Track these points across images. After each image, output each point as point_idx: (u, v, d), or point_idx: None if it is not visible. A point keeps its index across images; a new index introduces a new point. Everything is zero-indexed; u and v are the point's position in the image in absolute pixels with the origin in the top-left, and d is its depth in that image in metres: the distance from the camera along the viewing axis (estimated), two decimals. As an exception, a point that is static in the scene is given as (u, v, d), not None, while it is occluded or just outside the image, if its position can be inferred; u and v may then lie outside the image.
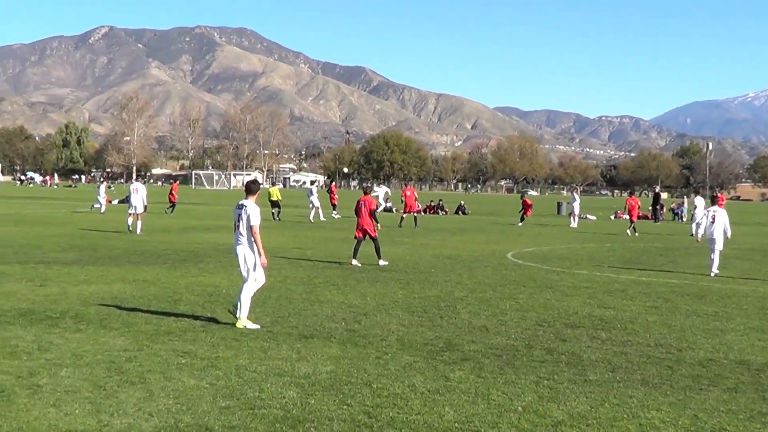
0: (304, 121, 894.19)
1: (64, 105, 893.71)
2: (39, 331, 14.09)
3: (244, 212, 15.40)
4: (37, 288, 19.35)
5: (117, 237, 35.55)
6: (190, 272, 23.43)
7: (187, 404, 9.99)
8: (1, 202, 74.67)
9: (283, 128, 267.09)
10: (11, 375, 11.10)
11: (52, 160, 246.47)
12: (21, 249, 28.93)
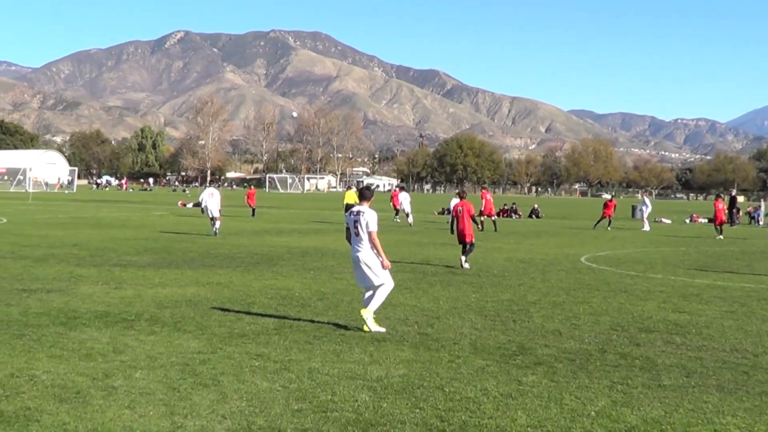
0: (378, 125, 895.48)
1: (140, 109, 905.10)
2: (114, 333, 14.23)
3: (363, 218, 15.30)
4: (112, 290, 19.56)
5: (191, 240, 35.85)
6: (263, 275, 23.54)
7: (260, 407, 10.02)
8: (78, 205, 75.76)
9: (356, 132, 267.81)
10: (87, 376, 11.21)
11: (128, 163, 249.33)
12: (97, 252, 29.28)
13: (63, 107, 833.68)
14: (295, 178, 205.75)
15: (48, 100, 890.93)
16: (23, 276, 22.07)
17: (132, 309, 16.78)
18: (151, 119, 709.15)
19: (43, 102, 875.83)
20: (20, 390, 10.45)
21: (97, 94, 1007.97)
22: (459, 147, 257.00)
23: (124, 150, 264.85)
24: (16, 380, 10.92)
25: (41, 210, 62.53)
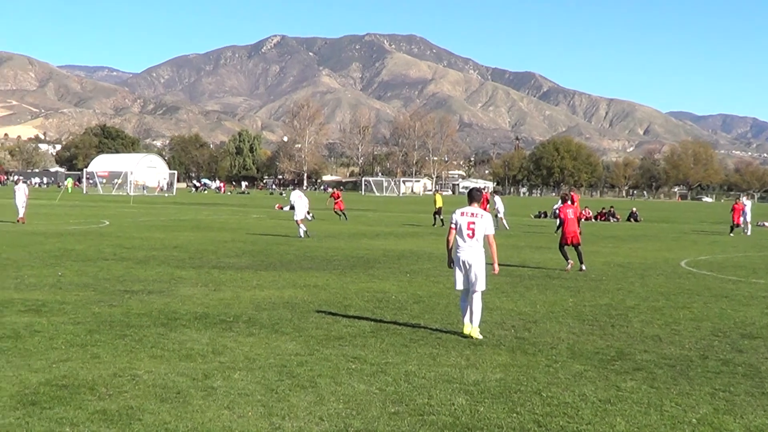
0: (473, 128, 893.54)
1: (238, 113, 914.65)
2: (213, 335, 14.40)
3: (479, 220, 14.99)
4: (211, 292, 19.79)
5: (288, 243, 36.12)
6: (359, 278, 23.63)
7: (357, 409, 10.06)
8: (178, 208, 76.79)
9: (452, 135, 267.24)
10: (187, 377, 11.36)
11: (226, 167, 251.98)
12: (196, 254, 29.65)
13: (163, 111, 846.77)
14: (391, 182, 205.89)
15: (148, 104, 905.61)
16: (125, 277, 22.45)
17: (230, 311, 16.96)
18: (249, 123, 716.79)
19: (143, 106, 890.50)
20: (123, 389, 10.64)
21: (195, 99, 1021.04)
22: (555, 149, 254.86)
23: (222, 153, 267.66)
24: (119, 380, 11.11)
25: (142, 213, 63.50)
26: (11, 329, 14.41)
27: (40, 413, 9.56)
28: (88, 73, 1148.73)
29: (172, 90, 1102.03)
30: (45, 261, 26.19)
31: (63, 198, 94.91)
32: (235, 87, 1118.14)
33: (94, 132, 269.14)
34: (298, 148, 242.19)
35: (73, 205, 76.42)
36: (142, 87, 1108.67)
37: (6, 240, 33.94)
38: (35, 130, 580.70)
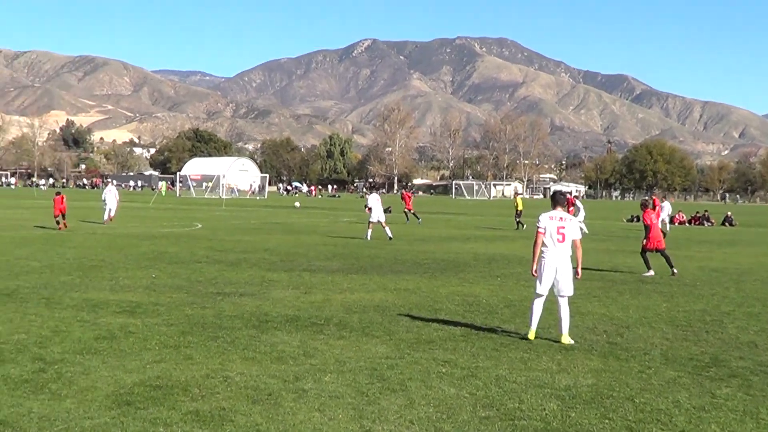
0: (565, 131, 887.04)
1: (329, 117, 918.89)
2: (304, 337, 14.48)
3: (569, 224, 14.94)
4: (302, 295, 19.90)
5: (379, 246, 36.18)
6: (450, 281, 23.60)
7: (447, 413, 10.05)
8: (269, 211, 77.41)
9: (543, 138, 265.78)
10: (278, 379, 11.44)
11: (317, 170, 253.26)
12: (287, 257, 29.85)
13: (254, 115, 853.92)
14: (482, 185, 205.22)
15: (240, 108, 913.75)
16: (217, 280, 22.69)
17: (321, 313, 17.05)
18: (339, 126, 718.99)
19: (235, 110, 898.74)
20: (215, 390, 10.75)
21: (287, 103, 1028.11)
22: (648, 153, 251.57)
23: (313, 157, 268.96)
24: (211, 381, 11.23)
25: (234, 216, 64.13)
26: (106, 330, 14.65)
27: (134, 413, 9.70)
28: (182, 77, 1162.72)
29: (263, 94, 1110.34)
30: (139, 263, 26.58)
31: (157, 201, 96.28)
32: (326, 91, 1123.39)
33: (187, 136, 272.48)
34: (388, 152, 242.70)
35: (166, 208, 77.46)
36: (235, 91, 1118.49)
37: (101, 242, 34.51)
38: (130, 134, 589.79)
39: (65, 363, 12.09)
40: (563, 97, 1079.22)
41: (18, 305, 17.26)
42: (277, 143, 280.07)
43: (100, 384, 10.97)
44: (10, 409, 9.74)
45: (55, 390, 10.65)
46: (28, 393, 10.49)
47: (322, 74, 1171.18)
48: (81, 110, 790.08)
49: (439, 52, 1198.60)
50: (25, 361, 12.19)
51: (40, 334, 14.17)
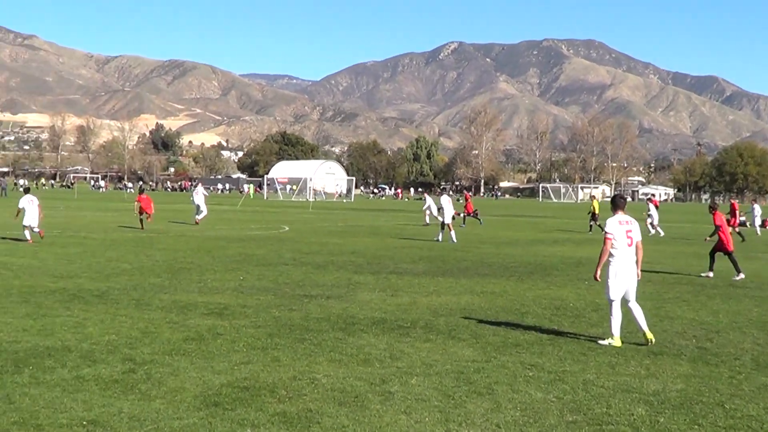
0: (653, 133, 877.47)
1: (415, 120, 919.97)
2: (391, 340, 14.50)
3: (634, 227, 14.92)
4: (389, 297, 19.93)
5: (465, 249, 36.11)
6: (537, 285, 23.47)
7: (534, 417, 9.99)
8: (356, 214, 77.65)
9: (631, 140, 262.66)
10: (365, 381, 11.47)
11: (403, 173, 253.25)
12: (374, 260, 29.91)
13: (341, 119, 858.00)
14: (569, 188, 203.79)
15: (327, 111, 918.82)
16: (304, 282, 22.82)
17: (408, 316, 17.05)
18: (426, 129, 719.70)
19: (322, 114, 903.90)
20: (302, 392, 10.81)
21: (373, 106, 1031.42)
22: (739, 155, 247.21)
23: (399, 160, 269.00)
24: (298, 383, 11.30)
25: (321, 218, 64.42)
26: (195, 332, 14.81)
27: (222, 414, 9.79)
28: (269, 81, 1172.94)
29: (350, 97, 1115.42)
30: (227, 266, 26.82)
31: (244, 204, 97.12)
32: (413, 94, 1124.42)
33: (274, 139, 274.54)
34: (475, 155, 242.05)
35: (254, 211, 78.10)
36: (322, 94, 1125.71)
37: (190, 245, 34.90)
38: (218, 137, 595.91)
39: (154, 364, 12.25)
40: (652, 98, 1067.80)
41: (109, 306, 17.52)
42: (363, 146, 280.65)
43: (188, 385, 11.09)
44: (101, 409, 9.89)
45: (144, 390, 10.79)
46: (119, 393, 10.65)
47: (408, 77, 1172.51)
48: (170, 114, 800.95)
49: (526, 55, 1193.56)
50: (116, 361, 12.37)
51: (130, 335, 14.38)
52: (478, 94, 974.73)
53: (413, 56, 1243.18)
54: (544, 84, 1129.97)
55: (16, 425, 9.21)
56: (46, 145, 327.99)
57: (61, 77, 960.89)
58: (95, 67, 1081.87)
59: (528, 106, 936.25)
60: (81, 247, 32.19)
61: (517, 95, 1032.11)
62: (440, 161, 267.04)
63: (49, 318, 15.93)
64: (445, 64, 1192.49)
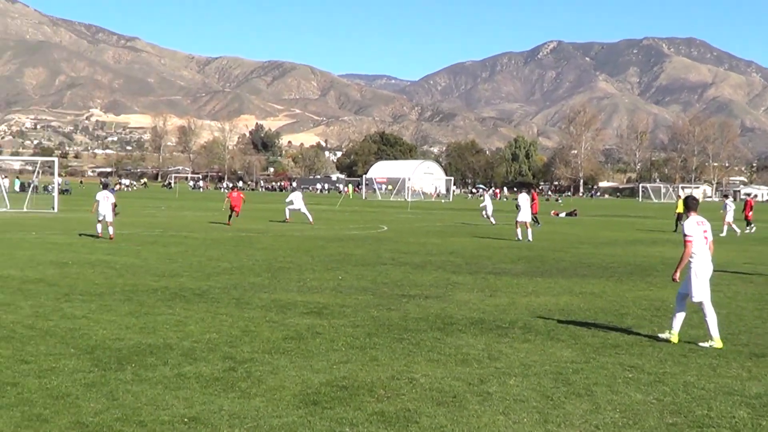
0: (756, 132, 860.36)
1: (513, 119, 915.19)
2: (489, 340, 14.48)
3: (708, 228, 15.07)
4: (487, 298, 19.90)
5: (563, 249, 35.88)
6: (636, 286, 23.24)
7: (634, 419, 9.91)
8: (454, 214, 77.67)
9: (733, 140, 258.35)
10: (463, 381, 11.48)
11: (502, 173, 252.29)
12: (472, 260, 29.88)
13: (439, 118, 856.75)
14: (669, 188, 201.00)
15: (425, 111, 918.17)
16: (403, 282, 22.88)
17: (506, 317, 17.01)
18: (524, 129, 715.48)
19: (420, 113, 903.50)
20: (400, 392, 10.85)
21: (471, 105, 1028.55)
22: None
23: (498, 160, 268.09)
24: (397, 382, 11.35)
25: (419, 218, 64.51)
26: (294, 330, 14.95)
27: (321, 413, 9.88)
28: (368, 81, 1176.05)
29: (448, 97, 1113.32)
30: (326, 265, 27.01)
31: (343, 203, 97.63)
32: (511, 93, 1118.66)
33: (373, 139, 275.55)
34: (573, 154, 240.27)
35: (352, 211, 78.48)
36: (420, 94, 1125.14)
37: (290, 244, 35.20)
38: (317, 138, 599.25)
39: (254, 362, 12.39)
40: (754, 97, 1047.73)
41: (209, 305, 17.77)
42: (461, 146, 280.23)
43: (287, 383, 11.20)
44: (202, 406, 10.05)
45: (244, 388, 10.93)
46: (219, 391, 10.80)
47: (507, 77, 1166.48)
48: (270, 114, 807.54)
49: (626, 53, 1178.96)
50: (216, 359, 12.55)
51: (231, 334, 14.56)
52: (577, 93, 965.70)
53: (512, 56, 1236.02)
54: (644, 83, 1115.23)
55: (119, 421, 9.39)
56: (148, 145, 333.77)
57: (163, 78, 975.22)
58: (196, 68, 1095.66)
59: (628, 105, 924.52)
60: (182, 247, 32.69)
61: (616, 94, 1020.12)
62: (539, 161, 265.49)
63: (151, 316, 16.21)
64: (544, 64, 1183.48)
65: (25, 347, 13.08)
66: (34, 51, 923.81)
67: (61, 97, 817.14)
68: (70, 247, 31.72)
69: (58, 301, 17.92)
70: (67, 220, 49.78)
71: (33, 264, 25.28)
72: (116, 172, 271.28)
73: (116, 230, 36.56)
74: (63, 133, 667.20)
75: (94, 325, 15.13)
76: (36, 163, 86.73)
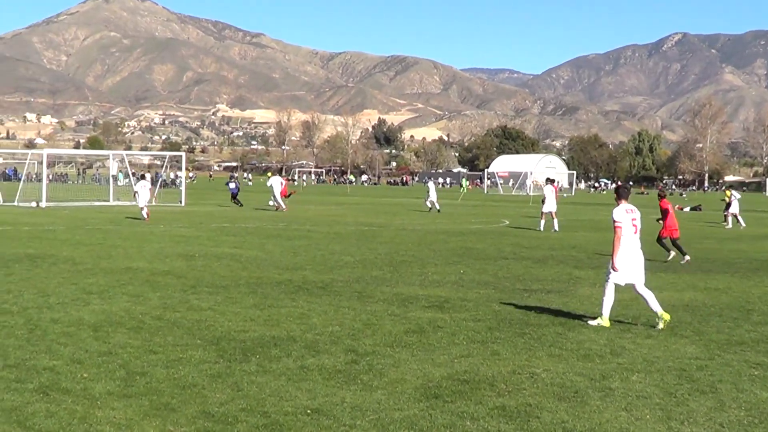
0: None
1: (637, 113, 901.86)
2: (611, 335, 14.38)
3: (638, 215, 15.80)
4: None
5: (687, 245, 35.22)
6: (763, 282, 22.80)
7: (760, 417, 9.78)
8: (576, 208, 76.97)
9: None
10: (585, 377, 11.44)
11: (625, 167, 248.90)
12: (594, 255, 29.62)
13: (562, 112, 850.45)
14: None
15: (548, 105, 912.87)
16: (524, 276, 22.83)
17: (629, 312, 16.84)
18: (648, 123, 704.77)
19: (543, 108, 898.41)
20: (521, 387, 10.86)
21: (594, 99, 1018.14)
22: None
23: (621, 154, 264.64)
24: (518, 377, 11.36)
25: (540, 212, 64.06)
26: (416, 324, 15.04)
27: (442, 406, 9.94)
28: (490, 75, 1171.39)
29: (571, 90, 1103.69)
30: (447, 259, 27.07)
31: (464, 198, 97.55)
32: (635, 86, 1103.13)
33: (495, 133, 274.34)
34: (698, 148, 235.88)
35: (474, 205, 78.35)
36: (542, 88, 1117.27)
37: (411, 238, 35.34)
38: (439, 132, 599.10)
39: (376, 355, 12.51)
40: None
41: (332, 298, 17.97)
42: (584, 140, 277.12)
43: (409, 377, 11.29)
44: (324, 398, 10.19)
45: (366, 381, 11.05)
46: (341, 383, 10.94)
47: (630, 69, 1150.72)
48: (392, 109, 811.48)
49: (753, 45, 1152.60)
50: (339, 352, 12.70)
51: (353, 327, 14.72)
52: (703, 86, 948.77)
53: (636, 48, 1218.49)
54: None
55: (243, 412, 9.58)
56: (272, 140, 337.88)
57: (287, 74, 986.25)
58: (320, 63, 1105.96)
59: (755, 98, 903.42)
60: (306, 240, 33.06)
61: (743, 87, 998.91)
62: (663, 155, 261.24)
63: (275, 309, 16.46)
64: (669, 56, 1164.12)
65: (153, 338, 13.42)
66: (163, 48, 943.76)
67: (189, 93, 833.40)
68: (197, 240, 32.34)
69: (185, 293, 18.31)
70: (194, 213, 50.71)
71: (161, 256, 25.86)
72: (241, 166, 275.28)
73: (244, 224, 37.07)
74: (190, 129, 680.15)
75: (219, 317, 15.44)
76: (164, 157, 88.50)
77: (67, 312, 15.61)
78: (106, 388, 10.46)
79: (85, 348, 12.57)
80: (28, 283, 19.26)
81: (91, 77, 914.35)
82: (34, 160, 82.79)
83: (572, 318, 16.04)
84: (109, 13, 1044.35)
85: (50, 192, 59.26)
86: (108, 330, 13.97)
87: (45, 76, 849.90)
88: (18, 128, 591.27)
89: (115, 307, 16.20)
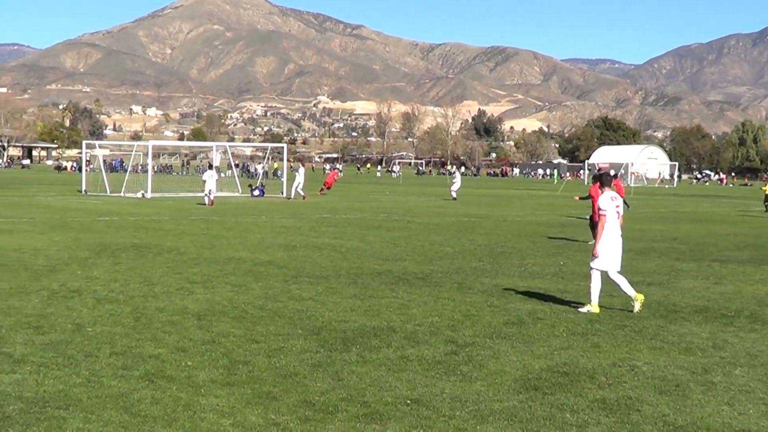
0: None
1: (741, 103, 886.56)
2: (713, 329, 14.21)
3: (621, 203, 16.29)
4: (711, 286, 19.48)
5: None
6: None
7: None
8: (678, 200, 75.98)
9: None
10: (686, 370, 11.33)
11: (728, 158, 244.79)
12: (696, 247, 29.25)
13: (664, 103, 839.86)
14: None
15: (649, 96, 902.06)
16: (625, 268, 22.47)
17: (731, 305, 16.63)
18: (752, 113, 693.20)
19: (644, 98, 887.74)
20: (622, 379, 10.80)
21: (697, 89, 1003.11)
22: None
23: (724, 145, 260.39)
24: (618, 369, 11.30)
25: (642, 204, 63.35)
26: (515, 316, 15.02)
27: (541, 398, 9.93)
28: (591, 65, 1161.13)
29: (673, 81, 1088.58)
30: (547, 251, 26.97)
31: (565, 189, 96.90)
32: (739, 76, 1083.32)
33: (596, 124, 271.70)
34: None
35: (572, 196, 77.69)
36: (644, 78, 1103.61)
37: (511, 229, 35.24)
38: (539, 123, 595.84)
39: (476, 346, 12.53)
40: None
41: (432, 289, 18.02)
42: (686, 131, 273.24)
43: (508, 368, 11.30)
44: (424, 389, 10.24)
45: (466, 372, 11.08)
46: (441, 374, 10.98)
47: (734, 59, 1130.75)
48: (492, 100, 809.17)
49: None
50: (438, 343, 12.74)
51: (453, 318, 14.75)
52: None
53: (740, 37, 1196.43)
54: None
55: (344, 401, 9.66)
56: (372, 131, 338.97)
57: (388, 65, 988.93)
58: (420, 54, 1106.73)
59: None
60: (405, 231, 33.14)
61: None
62: (767, 146, 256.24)
63: (375, 299, 16.56)
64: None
65: (255, 327, 13.60)
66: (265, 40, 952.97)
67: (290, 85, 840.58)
68: (298, 230, 32.62)
69: (287, 283, 18.50)
70: (295, 204, 51.15)
71: (263, 247, 26.14)
72: (342, 157, 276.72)
73: (344, 215, 37.27)
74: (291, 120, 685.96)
75: (320, 307, 15.58)
76: (266, 149, 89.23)
77: (171, 301, 15.89)
78: (210, 376, 10.64)
79: (189, 336, 12.79)
80: (134, 272, 19.63)
81: (195, 70, 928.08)
82: (139, 152, 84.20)
83: (674, 311, 15.87)
84: (213, 6, 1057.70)
85: (155, 183, 60.24)
86: (211, 319, 14.20)
87: (150, 69, 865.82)
88: (124, 120, 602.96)
89: (218, 297, 16.44)
